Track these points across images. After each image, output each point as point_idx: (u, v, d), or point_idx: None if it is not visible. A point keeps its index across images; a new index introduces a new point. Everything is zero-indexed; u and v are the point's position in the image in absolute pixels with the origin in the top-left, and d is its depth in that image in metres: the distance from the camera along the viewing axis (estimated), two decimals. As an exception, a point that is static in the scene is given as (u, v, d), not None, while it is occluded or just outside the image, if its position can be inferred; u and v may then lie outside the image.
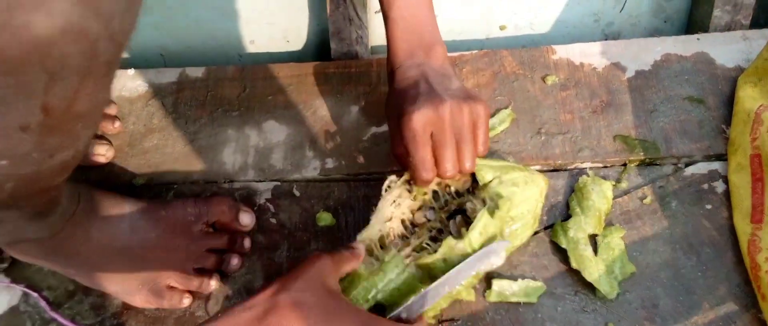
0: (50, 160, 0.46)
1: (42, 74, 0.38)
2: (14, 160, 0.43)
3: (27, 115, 0.40)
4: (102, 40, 0.39)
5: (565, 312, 0.67)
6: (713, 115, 0.79)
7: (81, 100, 0.42)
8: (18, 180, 0.46)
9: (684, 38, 0.86)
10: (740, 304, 0.67)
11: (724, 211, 0.72)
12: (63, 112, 0.42)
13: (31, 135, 0.42)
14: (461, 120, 0.63)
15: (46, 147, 0.44)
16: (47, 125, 0.42)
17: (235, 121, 0.82)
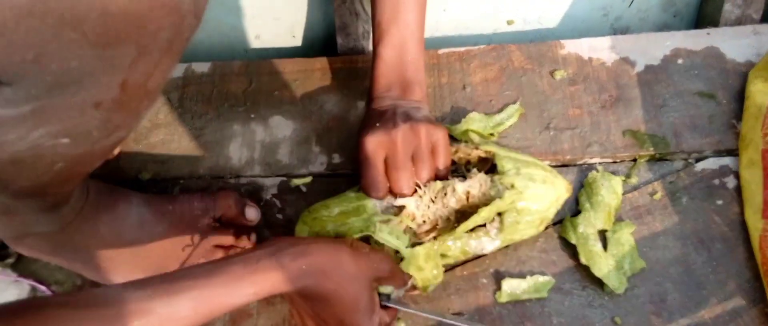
0: (106, 139, 0.46)
1: (133, 48, 0.38)
2: (76, 138, 0.43)
3: (105, 91, 0.41)
4: (189, 15, 0.40)
5: (572, 307, 0.67)
6: (724, 110, 0.78)
7: (156, 77, 0.43)
8: (68, 161, 0.46)
9: (694, 33, 0.85)
10: (748, 299, 0.66)
11: (735, 207, 0.72)
12: (138, 89, 0.42)
13: (102, 112, 0.42)
14: (416, 142, 0.65)
15: (109, 125, 0.44)
16: (120, 102, 0.42)
17: (241, 116, 0.81)
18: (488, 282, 0.69)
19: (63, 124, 0.42)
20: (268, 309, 0.69)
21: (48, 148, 0.43)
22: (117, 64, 0.39)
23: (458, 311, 0.67)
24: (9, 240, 0.63)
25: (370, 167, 0.65)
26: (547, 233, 0.72)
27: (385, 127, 0.65)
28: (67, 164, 0.46)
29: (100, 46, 0.37)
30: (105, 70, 0.39)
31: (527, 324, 0.66)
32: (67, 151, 0.44)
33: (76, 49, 0.36)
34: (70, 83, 0.39)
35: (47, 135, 0.42)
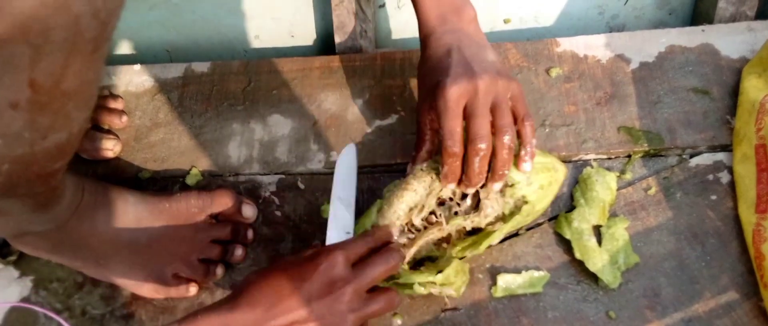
0: (43, 141, 0.46)
1: (26, 48, 0.39)
2: (6, 139, 0.44)
3: (15, 91, 0.41)
4: (85, 16, 0.40)
5: (567, 301, 0.68)
6: (718, 106, 0.78)
7: (69, 78, 0.43)
8: (12, 162, 0.46)
9: (689, 30, 0.85)
10: (742, 293, 0.67)
11: (728, 202, 0.72)
12: (51, 88, 0.42)
13: (22, 112, 0.42)
14: (496, 91, 0.63)
15: (37, 126, 0.45)
16: (37, 102, 0.42)
17: (240, 115, 0.82)
18: (483, 277, 0.70)
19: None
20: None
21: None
22: (15, 63, 0.39)
23: (454, 306, 0.68)
24: (9, 239, 0.64)
25: (453, 116, 0.62)
26: (542, 228, 0.72)
27: (466, 75, 0.62)
28: (14, 166, 0.46)
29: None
30: (4, 69, 0.39)
31: (522, 318, 0.67)
32: (5, 152, 0.44)
33: None
34: None
35: None
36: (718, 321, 0.65)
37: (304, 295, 0.55)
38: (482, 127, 0.62)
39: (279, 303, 0.55)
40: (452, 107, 0.62)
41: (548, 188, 0.69)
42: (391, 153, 0.78)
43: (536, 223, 0.73)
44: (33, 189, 0.55)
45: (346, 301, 0.56)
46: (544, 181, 0.68)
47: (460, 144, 0.62)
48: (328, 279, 0.56)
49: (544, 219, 0.73)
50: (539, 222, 0.73)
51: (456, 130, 0.62)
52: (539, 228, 0.72)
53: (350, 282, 0.57)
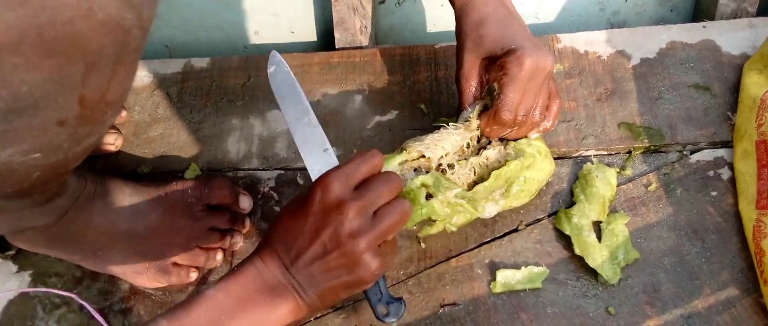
0: (77, 147, 0.47)
1: (81, 65, 0.39)
2: (46, 152, 0.44)
3: (65, 110, 0.41)
4: (134, 28, 0.40)
5: (566, 297, 0.67)
6: (719, 102, 0.78)
7: (113, 89, 0.43)
8: (45, 170, 0.47)
9: (690, 26, 0.85)
10: (742, 289, 0.66)
11: (729, 198, 0.72)
12: (97, 102, 0.43)
13: (67, 128, 0.43)
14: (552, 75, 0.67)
15: (77, 137, 0.45)
16: (82, 117, 0.43)
17: (240, 111, 0.82)
18: (483, 273, 0.69)
19: (29, 144, 0.42)
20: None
21: (20, 163, 0.44)
22: (68, 82, 0.40)
23: (453, 301, 0.68)
24: (6, 235, 0.64)
25: (521, 89, 0.64)
26: (541, 224, 0.72)
27: (541, 52, 0.64)
28: (44, 172, 0.47)
29: (45, 68, 0.37)
30: (57, 90, 0.40)
31: (522, 314, 0.67)
32: (40, 162, 0.45)
33: (22, 74, 0.37)
34: (26, 107, 0.39)
35: (17, 153, 0.43)
36: (718, 317, 0.65)
37: (311, 230, 0.53)
38: (541, 104, 0.67)
39: (293, 244, 0.54)
40: (524, 79, 0.64)
41: (541, 172, 0.70)
42: (390, 148, 0.77)
43: (536, 219, 0.72)
44: (47, 188, 0.55)
45: (351, 222, 0.52)
46: (541, 150, 0.70)
47: (514, 116, 0.65)
48: (327, 207, 0.53)
49: (544, 214, 0.73)
50: (539, 217, 0.72)
51: (519, 102, 0.65)
52: (539, 223, 0.72)
53: (350, 201, 0.52)
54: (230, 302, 0.52)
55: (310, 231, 0.53)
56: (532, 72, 0.64)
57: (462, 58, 0.68)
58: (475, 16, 0.67)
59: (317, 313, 0.68)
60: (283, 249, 0.54)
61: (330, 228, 0.52)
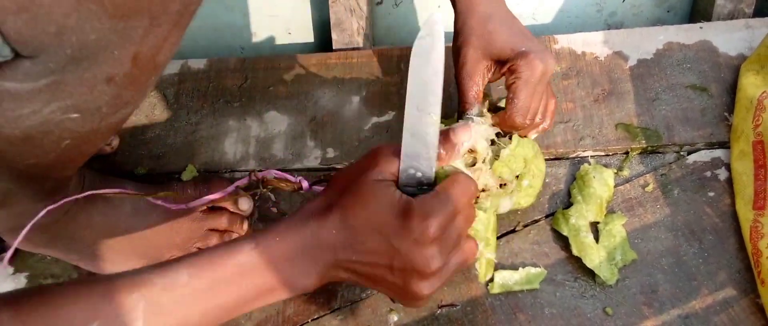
0: (113, 115, 0.46)
1: (146, 20, 0.39)
2: (86, 113, 0.44)
3: (118, 66, 0.42)
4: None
5: (564, 298, 0.67)
6: (716, 103, 0.78)
7: (165, 50, 0.44)
8: (75, 138, 0.46)
9: (687, 27, 0.85)
10: (739, 290, 0.66)
11: (726, 198, 0.72)
12: (147, 62, 0.43)
13: (113, 87, 0.43)
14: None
15: (118, 101, 0.45)
16: (130, 76, 0.43)
17: (237, 112, 0.82)
18: (481, 275, 0.69)
19: (74, 99, 0.42)
20: (262, 301, 0.69)
21: (57, 123, 0.43)
22: (130, 36, 0.40)
23: (451, 302, 0.68)
24: (5, 233, 0.64)
25: (532, 92, 0.63)
26: (539, 225, 0.72)
27: (547, 54, 0.63)
28: (74, 141, 0.46)
29: (117, 17, 0.38)
30: (119, 42, 0.40)
31: (519, 315, 0.67)
32: (75, 126, 0.44)
33: (95, 22, 0.38)
34: (85, 57, 0.40)
35: (59, 110, 0.43)
36: (716, 318, 0.65)
37: (385, 249, 0.49)
38: (542, 106, 0.66)
39: (358, 247, 0.50)
40: (536, 83, 0.63)
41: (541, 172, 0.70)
42: (387, 149, 0.78)
43: (533, 220, 0.72)
44: (61, 174, 0.55)
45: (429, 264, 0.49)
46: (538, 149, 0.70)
47: (525, 118, 0.65)
48: (416, 239, 0.48)
49: (541, 215, 0.73)
50: (536, 218, 0.72)
51: (530, 105, 0.64)
52: (536, 224, 0.72)
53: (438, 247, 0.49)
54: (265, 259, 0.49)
55: (383, 250, 0.49)
56: (542, 75, 0.63)
57: (466, 55, 0.66)
58: (481, 12, 0.65)
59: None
60: (344, 240, 0.50)
61: (404, 259, 0.49)
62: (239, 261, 0.49)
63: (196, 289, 0.47)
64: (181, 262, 0.48)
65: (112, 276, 0.47)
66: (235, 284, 0.48)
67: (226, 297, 0.49)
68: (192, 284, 0.47)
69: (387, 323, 0.67)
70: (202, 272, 0.48)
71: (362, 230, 0.49)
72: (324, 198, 0.52)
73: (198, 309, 0.47)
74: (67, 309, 0.44)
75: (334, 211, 0.50)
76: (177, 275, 0.47)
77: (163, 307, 0.46)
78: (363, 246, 0.50)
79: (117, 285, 0.45)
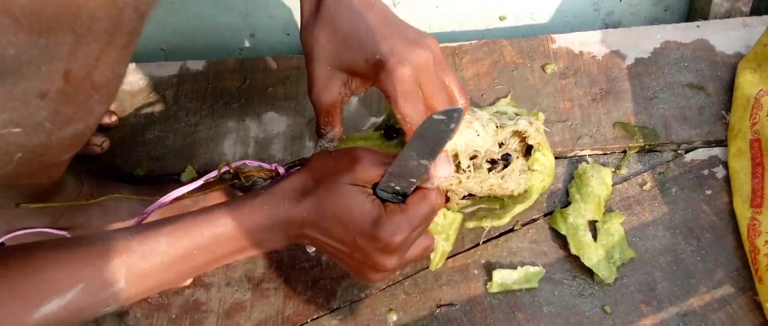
0: (61, 131, 0.46)
1: (70, 36, 0.39)
2: (27, 128, 0.44)
3: (48, 81, 0.41)
4: (129, 7, 0.40)
5: (563, 296, 0.67)
6: (713, 101, 0.78)
7: (100, 70, 0.43)
8: (27, 152, 0.46)
9: (684, 25, 0.85)
10: (737, 287, 0.66)
11: (724, 196, 0.72)
12: (82, 80, 0.43)
13: (49, 103, 0.42)
14: (441, 58, 0.57)
15: (60, 117, 0.45)
16: (65, 93, 0.43)
17: (236, 113, 0.82)
18: (479, 273, 0.70)
19: (9, 114, 0.42)
20: (261, 301, 0.70)
21: (1, 137, 0.43)
22: (55, 52, 0.39)
23: (449, 301, 0.68)
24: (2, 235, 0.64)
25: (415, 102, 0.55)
26: (537, 224, 0.72)
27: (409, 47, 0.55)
28: (26, 155, 0.46)
29: (34, 32, 0.37)
30: (43, 58, 0.39)
31: (517, 313, 0.67)
32: (21, 141, 0.44)
33: (10, 36, 0.37)
34: (10, 72, 0.39)
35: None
36: (714, 315, 0.65)
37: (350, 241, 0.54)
38: (444, 103, 0.57)
39: (326, 228, 0.54)
40: (412, 91, 0.55)
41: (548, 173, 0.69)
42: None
43: (532, 219, 0.73)
44: (36, 180, 0.55)
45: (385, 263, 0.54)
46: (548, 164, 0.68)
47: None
48: (377, 243, 0.53)
49: (540, 214, 0.73)
50: (535, 217, 0.73)
51: (422, 111, 0.56)
52: (534, 223, 0.72)
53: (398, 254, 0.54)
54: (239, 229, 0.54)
55: (347, 242, 0.54)
56: (414, 79, 0.54)
57: (313, 72, 0.58)
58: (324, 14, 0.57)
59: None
60: (313, 222, 0.54)
61: (365, 255, 0.54)
62: (215, 232, 0.53)
63: (174, 257, 0.52)
64: (159, 229, 0.52)
65: (95, 240, 0.50)
66: (210, 250, 0.53)
67: (202, 260, 0.54)
68: (170, 252, 0.52)
69: (386, 323, 0.67)
70: (179, 241, 0.52)
71: (332, 222, 0.53)
72: (298, 182, 0.55)
73: (174, 271, 0.53)
74: (53, 271, 0.47)
75: (308, 200, 0.54)
76: (156, 243, 0.51)
77: (142, 271, 0.51)
78: (329, 232, 0.54)
79: (100, 250, 0.50)
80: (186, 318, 0.69)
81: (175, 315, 0.69)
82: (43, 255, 0.48)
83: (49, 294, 0.47)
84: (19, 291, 0.46)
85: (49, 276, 0.47)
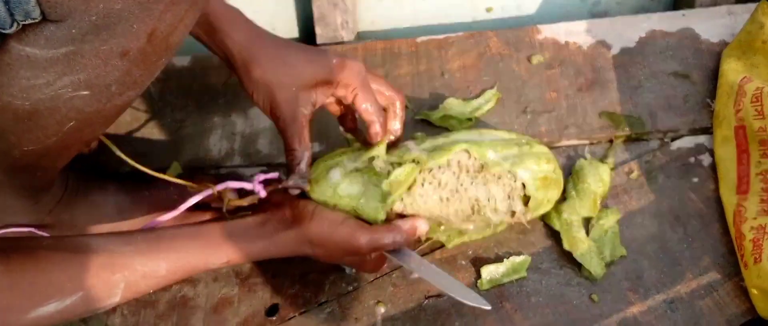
0: (120, 97, 0.48)
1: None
2: (96, 90, 0.46)
3: (134, 40, 0.43)
4: None
5: (550, 286, 0.67)
6: (698, 90, 0.79)
7: (179, 31, 0.46)
8: (80, 120, 0.48)
9: (669, 14, 0.86)
10: (723, 273, 0.67)
11: (710, 184, 0.72)
12: (161, 40, 0.45)
13: (125, 63, 0.44)
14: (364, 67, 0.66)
15: (128, 79, 0.47)
16: (144, 53, 0.45)
17: (221, 108, 0.82)
18: (466, 264, 0.70)
19: (87, 74, 0.44)
20: (249, 296, 0.69)
21: (66, 101, 0.45)
22: (151, 10, 0.42)
23: (437, 293, 0.68)
24: None
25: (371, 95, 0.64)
26: (524, 214, 0.72)
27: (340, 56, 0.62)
28: (77, 124, 0.48)
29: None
30: (140, 16, 0.41)
31: (505, 304, 0.67)
32: (82, 105, 0.46)
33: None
34: (106, 27, 0.41)
35: (71, 85, 0.44)
36: (700, 302, 0.66)
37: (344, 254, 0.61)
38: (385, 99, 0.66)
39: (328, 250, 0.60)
40: (366, 84, 0.63)
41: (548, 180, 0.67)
42: (373, 142, 0.78)
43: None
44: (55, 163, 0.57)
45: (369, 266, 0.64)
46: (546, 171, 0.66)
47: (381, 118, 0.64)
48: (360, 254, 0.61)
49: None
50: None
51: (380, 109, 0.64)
52: (522, 214, 0.72)
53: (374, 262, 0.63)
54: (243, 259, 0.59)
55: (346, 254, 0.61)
56: (363, 74, 0.63)
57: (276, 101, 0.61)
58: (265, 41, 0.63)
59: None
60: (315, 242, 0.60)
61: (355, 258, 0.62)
62: (217, 265, 0.58)
63: (171, 279, 0.55)
64: (160, 253, 0.54)
65: (99, 249, 0.51)
66: (204, 271, 0.59)
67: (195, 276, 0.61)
68: (168, 276, 0.54)
69: (374, 315, 0.67)
70: (180, 268, 0.55)
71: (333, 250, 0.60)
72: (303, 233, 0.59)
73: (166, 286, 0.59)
74: (56, 275, 0.49)
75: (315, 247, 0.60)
76: (157, 267, 0.53)
77: (139, 289, 0.53)
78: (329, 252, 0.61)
79: (104, 262, 0.51)
80: (173, 314, 0.69)
81: (162, 311, 0.69)
82: (49, 256, 0.49)
83: (50, 296, 0.48)
84: (20, 287, 0.47)
85: (53, 278, 0.49)
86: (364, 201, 0.62)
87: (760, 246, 0.63)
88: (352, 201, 0.62)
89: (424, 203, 0.63)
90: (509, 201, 0.65)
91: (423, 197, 0.63)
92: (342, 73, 0.62)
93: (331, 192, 0.62)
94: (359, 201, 0.62)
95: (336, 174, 0.63)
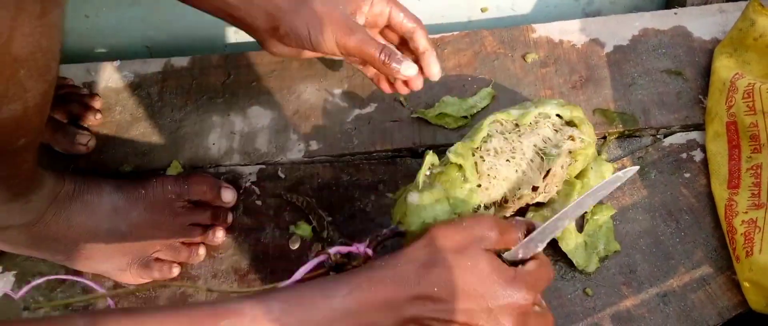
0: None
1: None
2: None
3: None
4: None
5: (545, 280, 0.68)
6: (691, 87, 0.80)
7: (18, 41, 0.43)
8: None
9: (662, 13, 0.87)
10: (715, 267, 0.68)
11: (702, 179, 0.74)
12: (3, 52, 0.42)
13: None
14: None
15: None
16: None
17: (220, 108, 0.83)
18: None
19: None
20: (248, 292, 0.70)
21: None
22: None
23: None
24: None
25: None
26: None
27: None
28: None
29: None
30: None
31: (501, 298, 0.68)
32: None
33: None
34: None
35: None
36: (693, 295, 0.67)
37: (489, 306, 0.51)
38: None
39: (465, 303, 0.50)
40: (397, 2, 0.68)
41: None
42: (369, 141, 0.79)
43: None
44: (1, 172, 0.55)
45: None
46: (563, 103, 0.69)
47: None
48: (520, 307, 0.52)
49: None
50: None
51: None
52: (517, 210, 0.73)
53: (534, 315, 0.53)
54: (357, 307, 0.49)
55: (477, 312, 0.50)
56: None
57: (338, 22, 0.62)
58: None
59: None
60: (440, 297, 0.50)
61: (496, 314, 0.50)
62: (332, 306, 0.49)
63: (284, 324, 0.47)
64: (273, 295, 0.48)
65: (198, 304, 0.47)
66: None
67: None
68: (281, 319, 0.47)
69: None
70: (293, 309, 0.48)
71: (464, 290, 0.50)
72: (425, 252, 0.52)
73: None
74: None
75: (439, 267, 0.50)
76: (269, 308, 0.47)
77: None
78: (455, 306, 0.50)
79: (206, 313, 0.46)
80: (174, 311, 0.70)
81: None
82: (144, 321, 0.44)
83: None
84: None
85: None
86: (453, 192, 0.61)
87: (751, 239, 0.65)
88: (443, 203, 0.60)
89: (497, 174, 0.63)
90: (558, 134, 0.66)
91: (494, 168, 0.63)
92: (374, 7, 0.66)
93: (420, 211, 0.60)
94: (449, 194, 0.60)
95: (413, 196, 0.61)
